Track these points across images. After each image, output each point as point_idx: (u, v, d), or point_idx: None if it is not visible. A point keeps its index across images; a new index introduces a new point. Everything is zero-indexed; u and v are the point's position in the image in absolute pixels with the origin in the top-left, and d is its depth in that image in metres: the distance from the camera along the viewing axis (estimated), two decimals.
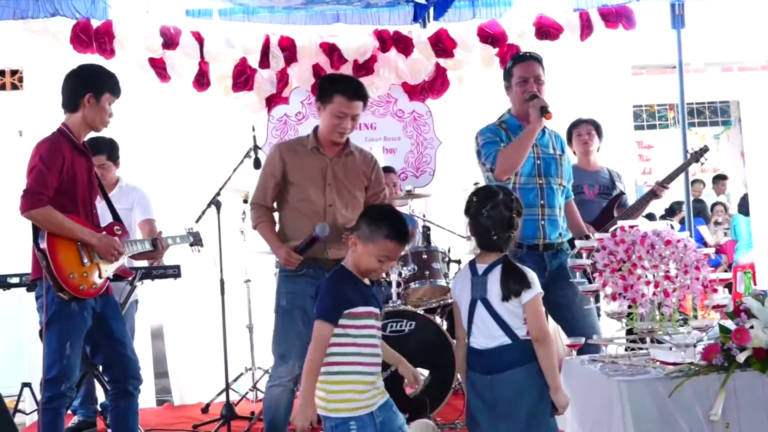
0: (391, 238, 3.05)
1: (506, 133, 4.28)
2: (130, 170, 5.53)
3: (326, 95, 4.01)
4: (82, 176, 3.87)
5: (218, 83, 5.92)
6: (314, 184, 4.03)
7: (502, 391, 3.09)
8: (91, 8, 5.45)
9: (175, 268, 5.12)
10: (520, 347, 3.09)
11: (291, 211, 4.08)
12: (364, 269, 3.10)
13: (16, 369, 5.85)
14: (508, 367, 3.08)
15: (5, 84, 6.75)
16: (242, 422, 5.07)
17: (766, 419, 3.30)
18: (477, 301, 3.14)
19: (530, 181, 4.22)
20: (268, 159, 4.16)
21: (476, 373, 3.16)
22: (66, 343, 3.74)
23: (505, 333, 3.09)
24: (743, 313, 3.47)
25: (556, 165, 4.31)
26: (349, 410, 3.00)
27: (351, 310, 3.02)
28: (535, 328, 3.08)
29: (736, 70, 7.92)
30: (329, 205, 4.02)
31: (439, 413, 4.97)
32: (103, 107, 3.88)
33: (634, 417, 3.25)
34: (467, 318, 3.17)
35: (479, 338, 3.14)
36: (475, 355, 3.16)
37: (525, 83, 4.23)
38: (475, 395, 3.18)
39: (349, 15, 5.87)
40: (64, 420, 3.91)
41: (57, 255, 3.70)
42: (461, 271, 3.36)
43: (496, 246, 3.16)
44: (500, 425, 3.10)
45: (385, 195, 4.31)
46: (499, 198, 3.17)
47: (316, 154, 4.06)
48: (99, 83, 3.88)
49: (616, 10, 6.00)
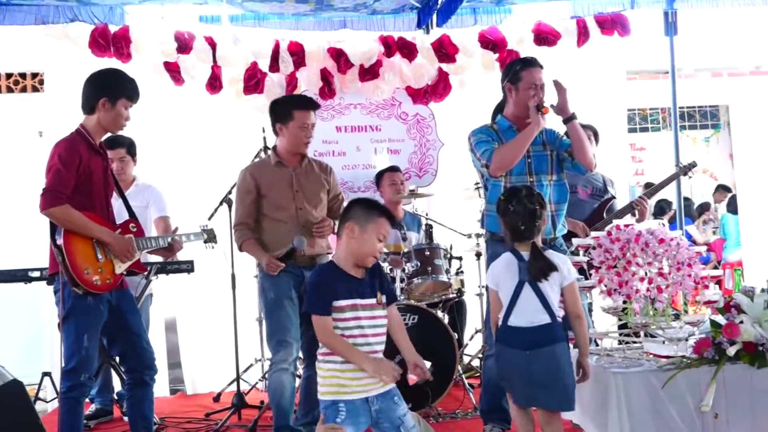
0: (383, 215, 3.12)
1: (497, 134, 4.30)
2: (146, 169, 5.53)
3: (285, 115, 4.37)
4: (98, 175, 3.86)
5: (230, 86, 5.91)
6: (283, 192, 4.35)
7: (541, 364, 3.29)
8: (109, 14, 5.45)
9: (189, 263, 5.13)
10: (557, 326, 3.34)
11: (268, 222, 4.36)
12: (365, 253, 3.08)
13: (36, 359, 5.86)
14: (548, 344, 3.30)
15: (27, 86, 6.74)
16: (252, 411, 5.06)
17: (754, 410, 3.31)
18: (524, 282, 3.36)
19: (521, 179, 4.23)
20: (240, 182, 4.44)
21: (514, 349, 3.35)
22: (83, 335, 3.73)
23: (546, 312, 3.32)
24: (733, 309, 3.47)
25: (547, 162, 4.31)
26: (337, 393, 3.00)
27: (334, 303, 3.02)
28: (574, 307, 3.38)
29: (726, 75, 7.92)
30: (299, 209, 4.34)
31: (441, 403, 4.95)
32: (118, 111, 3.86)
33: (628, 407, 3.27)
34: (510, 299, 3.37)
35: (521, 317, 3.35)
36: (514, 333, 3.36)
37: (534, 89, 4.23)
38: (511, 369, 3.38)
39: (355, 21, 5.86)
40: (84, 408, 3.91)
41: (72, 251, 3.70)
42: (503, 258, 3.51)
43: (526, 236, 3.41)
44: (539, 394, 3.33)
45: (343, 198, 4.61)
46: (522, 194, 3.46)
47: (280, 168, 4.40)
48: (115, 88, 3.86)
49: (611, 18, 5.99)
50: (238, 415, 5.06)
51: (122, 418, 5.08)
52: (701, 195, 11.23)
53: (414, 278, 5.20)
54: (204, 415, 5.23)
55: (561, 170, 4.36)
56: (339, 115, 6.09)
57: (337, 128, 6.10)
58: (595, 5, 5.75)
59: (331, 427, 2.97)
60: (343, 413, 2.98)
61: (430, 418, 4.80)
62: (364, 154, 6.15)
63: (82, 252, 3.73)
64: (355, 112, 6.15)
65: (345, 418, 2.97)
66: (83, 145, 3.79)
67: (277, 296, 4.25)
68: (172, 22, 5.75)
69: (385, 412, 3.05)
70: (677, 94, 6.02)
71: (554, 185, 4.33)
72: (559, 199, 4.35)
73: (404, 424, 3.08)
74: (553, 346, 3.31)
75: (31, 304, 5.82)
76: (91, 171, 3.81)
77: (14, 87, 6.73)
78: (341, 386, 3.01)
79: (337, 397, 3.00)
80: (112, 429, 4.98)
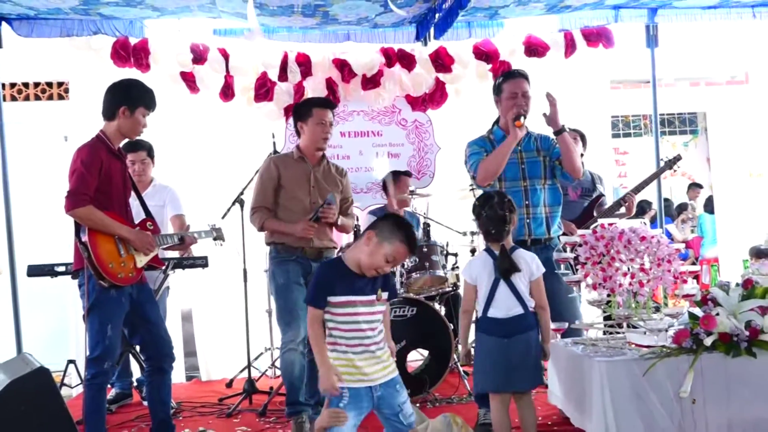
0: (405, 243, 3.06)
1: (492, 144, 4.31)
2: (164, 171, 5.54)
3: (305, 113, 4.41)
4: (117, 178, 3.87)
5: (242, 94, 5.91)
6: (301, 186, 4.39)
7: (517, 349, 3.50)
8: (129, 27, 5.44)
9: (203, 258, 5.13)
10: (529, 316, 3.54)
11: (282, 210, 4.37)
12: (368, 265, 3.05)
13: (61, 347, 5.87)
14: (523, 331, 3.51)
15: (53, 94, 6.74)
16: (262, 396, 5.06)
17: (728, 395, 3.32)
18: (500, 279, 3.54)
19: (515, 184, 4.24)
20: (264, 169, 4.46)
21: (494, 337, 3.53)
22: (107, 325, 3.74)
23: (520, 304, 3.52)
24: (710, 302, 3.48)
25: (540, 167, 4.31)
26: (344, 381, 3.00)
27: (330, 298, 3.03)
28: (539, 299, 3.57)
29: (703, 85, 7.91)
30: (313, 203, 4.36)
31: (437, 389, 4.96)
32: (136, 119, 3.87)
33: (612, 393, 3.27)
34: (488, 294, 3.55)
35: (499, 310, 3.54)
36: (493, 324, 3.54)
37: (514, 98, 4.23)
38: (489, 355, 3.55)
39: (358, 34, 5.85)
40: (106, 393, 3.92)
41: (97, 248, 3.71)
42: (478, 257, 3.72)
43: (496, 238, 3.59)
44: (514, 375, 3.50)
45: (352, 201, 4.70)
46: (494, 201, 3.60)
47: (301, 163, 4.44)
48: (134, 98, 3.87)
49: (597, 31, 5.98)
50: (249, 400, 5.07)
51: (141, 402, 5.10)
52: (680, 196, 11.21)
53: (413, 273, 5.21)
54: (217, 400, 5.23)
55: (554, 175, 4.36)
56: (343, 121, 6.09)
57: (341, 133, 6.10)
58: (581, 19, 5.75)
59: (334, 412, 2.98)
60: (346, 398, 2.98)
61: (428, 403, 4.81)
62: (366, 158, 6.16)
63: (106, 248, 3.74)
64: (358, 118, 6.15)
65: (348, 403, 2.98)
66: (103, 150, 3.80)
67: (287, 281, 4.28)
68: (187, 35, 5.75)
69: (386, 399, 3.06)
70: (658, 102, 6.01)
71: (548, 189, 4.33)
72: (552, 202, 4.35)
73: (403, 411, 3.08)
74: (528, 333, 3.53)
75: (57, 296, 5.83)
76: (111, 174, 3.82)
77: (41, 95, 6.73)
78: (347, 374, 3.01)
79: (342, 384, 2.99)
80: (132, 412, 4.98)
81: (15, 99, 6.69)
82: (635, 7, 5.60)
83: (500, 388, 3.57)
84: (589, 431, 3.45)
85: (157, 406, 3.98)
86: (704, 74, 7.83)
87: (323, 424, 2.98)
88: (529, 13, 5.57)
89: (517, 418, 3.68)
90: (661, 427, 3.26)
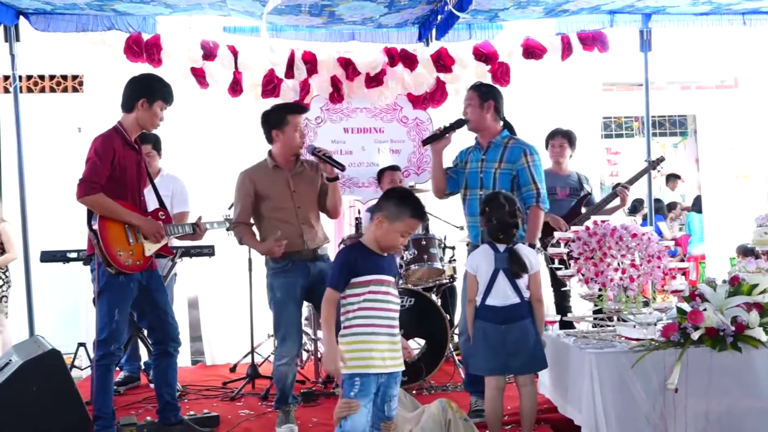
0: (414, 216, 3.04)
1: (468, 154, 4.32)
2: (173, 163, 5.52)
3: (279, 121, 4.18)
4: (131, 168, 3.86)
5: (249, 90, 5.88)
6: (282, 194, 4.18)
7: (513, 336, 3.55)
8: (142, 23, 5.42)
9: (210, 247, 5.12)
10: (525, 305, 3.60)
11: (267, 221, 4.21)
12: (388, 245, 3.04)
13: (72, 330, 5.86)
14: (519, 320, 3.57)
15: (68, 87, 6.73)
16: (264, 381, 5.05)
17: (709, 386, 3.33)
18: (499, 270, 3.60)
19: (473, 192, 4.20)
20: (240, 184, 4.26)
21: (491, 324, 3.59)
22: (115, 309, 3.74)
23: (516, 294, 3.58)
24: (698, 298, 3.47)
25: (491, 177, 4.15)
26: (359, 367, 2.97)
27: (355, 279, 2.98)
28: (536, 292, 3.63)
29: (694, 88, 7.91)
30: (298, 207, 4.19)
31: (433, 377, 4.96)
32: (154, 111, 3.86)
33: (601, 383, 3.28)
34: (487, 283, 3.61)
35: (497, 298, 3.60)
36: (492, 311, 3.60)
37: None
38: (486, 340, 3.60)
39: (363, 34, 5.83)
40: (114, 375, 3.91)
41: (107, 235, 3.70)
42: (481, 250, 3.73)
43: (504, 241, 3.65)
44: (510, 361, 3.56)
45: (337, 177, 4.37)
46: (505, 210, 3.63)
47: (277, 171, 4.22)
48: (153, 91, 3.86)
49: (592, 35, 5.95)
50: (252, 385, 5.06)
51: (149, 384, 5.09)
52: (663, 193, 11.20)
53: (411, 265, 5.19)
54: (221, 384, 5.24)
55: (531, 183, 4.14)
56: (346, 117, 6.07)
57: (345, 129, 6.08)
58: (578, 23, 5.72)
59: (346, 403, 2.97)
60: (357, 386, 2.96)
61: (424, 390, 4.81)
62: (368, 153, 6.13)
63: (115, 236, 3.73)
64: (361, 115, 6.13)
65: (359, 391, 2.96)
66: (119, 141, 3.79)
67: (284, 297, 4.12)
68: (198, 32, 5.72)
69: (385, 388, 3.05)
70: (650, 104, 6.01)
71: None
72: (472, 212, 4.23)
73: (391, 402, 3.07)
74: (523, 321, 3.57)
75: (69, 281, 5.82)
76: (125, 164, 3.81)
77: (56, 87, 6.71)
78: (365, 359, 2.96)
79: (356, 371, 2.96)
80: (140, 394, 4.97)
81: (31, 91, 6.68)
82: (630, 12, 5.57)
83: (494, 372, 3.60)
84: (577, 420, 3.46)
85: (163, 388, 3.98)
86: (695, 78, 7.83)
87: (339, 414, 2.96)
88: (527, 16, 5.54)
89: (509, 406, 3.68)
90: (644, 413, 3.28)
